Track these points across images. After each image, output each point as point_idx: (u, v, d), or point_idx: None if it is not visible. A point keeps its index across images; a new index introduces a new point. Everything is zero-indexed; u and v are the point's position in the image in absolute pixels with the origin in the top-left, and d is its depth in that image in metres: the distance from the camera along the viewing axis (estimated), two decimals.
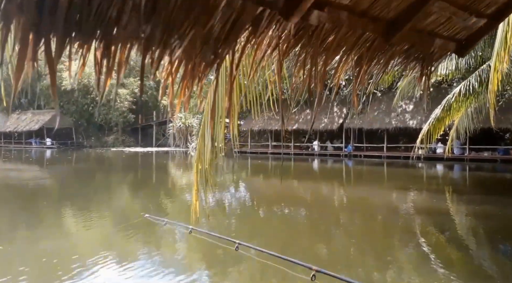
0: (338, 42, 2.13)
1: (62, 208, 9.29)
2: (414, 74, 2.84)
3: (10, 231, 7.02)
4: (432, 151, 22.18)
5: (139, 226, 6.54)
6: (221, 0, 1.44)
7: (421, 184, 14.99)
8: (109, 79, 1.43)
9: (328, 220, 8.33)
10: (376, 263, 5.36)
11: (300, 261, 3.16)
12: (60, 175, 18.06)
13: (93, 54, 1.33)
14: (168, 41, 1.51)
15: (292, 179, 15.79)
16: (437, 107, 10.70)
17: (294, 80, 2.37)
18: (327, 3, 1.72)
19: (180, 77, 1.77)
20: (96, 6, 1.19)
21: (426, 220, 8.35)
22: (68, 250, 5.72)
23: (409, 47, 2.54)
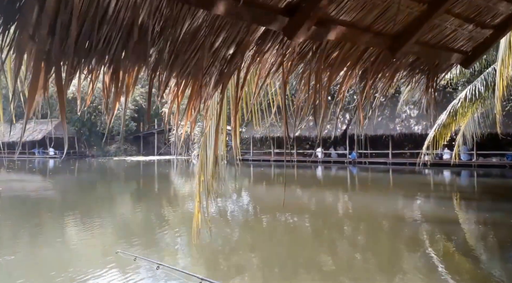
0: (342, 57, 2.15)
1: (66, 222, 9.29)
2: (420, 87, 2.86)
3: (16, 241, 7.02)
4: (438, 157, 22.11)
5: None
6: (226, 23, 1.46)
7: (428, 191, 14.92)
8: (117, 103, 1.46)
9: (333, 230, 8.29)
10: (383, 275, 5.32)
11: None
12: (64, 187, 18.07)
13: (102, 80, 1.36)
14: (174, 64, 1.54)
15: (295, 187, 15.75)
16: (443, 113, 10.71)
17: (299, 96, 2.38)
18: (330, 21, 1.74)
19: (186, 97, 1.79)
20: (105, 33, 1.22)
21: (434, 228, 8.30)
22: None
23: (415, 60, 2.56)
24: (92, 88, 1.40)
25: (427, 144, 11.17)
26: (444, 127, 10.87)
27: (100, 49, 1.26)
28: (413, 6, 1.88)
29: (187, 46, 1.48)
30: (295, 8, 1.51)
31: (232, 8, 1.32)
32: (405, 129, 24.11)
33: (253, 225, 9.07)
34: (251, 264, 5.88)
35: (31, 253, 6.44)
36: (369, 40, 2.00)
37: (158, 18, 1.29)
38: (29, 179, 21.56)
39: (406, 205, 11.69)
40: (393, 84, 2.77)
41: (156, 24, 1.30)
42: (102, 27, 1.19)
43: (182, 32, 1.39)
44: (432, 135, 10.86)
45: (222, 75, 1.81)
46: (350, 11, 1.74)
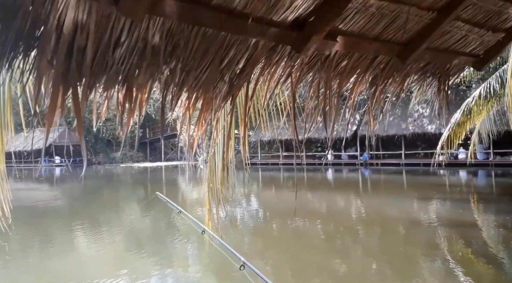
0: (351, 66, 2.20)
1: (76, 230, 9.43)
2: (431, 90, 2.89)
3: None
4: (453, 156, 21.94)
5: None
6: (236, 40, 1.52)
7: (444, 192, 14.81)
8: (131, 118, 1.53)
9: (346, 235, 8.29)
10: (398, 281, 5.32)
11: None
12: (74, 195, 18.30)
13: (116, 97, 1.44)
14: (186, 80, 1.60)
15: (305, 191, 15.75)
16: (457, 112, 10.65)
17: (308, 104, 2.43)
18: (338, 32, 1.79)
19: (197, 109, 1.86)
20: (119, 55, 1.29)
21: (451, 232, 8.25)
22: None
23: (425, 64, 2.59)
24: (107, 105, 1.47)
25: (442, 144, 11.12)
26: (459, 126, 10.81)
27: (114, 69, 1.33)
28: (422, 15, 1.92)
29: (198, 63, 1.54)
30: (303, 22, 1.56)
31: (242, 27, 1.38)
32: (418, 129, 23.98)
33: (263, 231, 9.11)
34: (263, 271, 5.94)
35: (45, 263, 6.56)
36: (378, 49, 2.05)
37: (170, 39, 1.35)
38: (38, 188, 21.95)
39: (421, 207, 11.63)
40: (404, 89, 2.80)
41: (168, 44, 1.36)
42: (117, 49, 1.26)
43: (193, 50, 1.45)
44: (447, 134, 10.81)
45: (232, 88, 1.87)
46: (358, 22, 1.79)
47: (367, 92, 2.56)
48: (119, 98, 1.41)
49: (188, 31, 1.35)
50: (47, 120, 1.18)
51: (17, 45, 1.09)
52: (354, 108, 2.87)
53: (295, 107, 2.33)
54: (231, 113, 2.04)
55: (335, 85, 2.33)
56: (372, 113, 2.65)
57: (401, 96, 2.91)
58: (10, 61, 1.11)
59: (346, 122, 23.07)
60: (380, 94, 2.58)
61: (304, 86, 2.37)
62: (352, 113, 2.98)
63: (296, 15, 1.55)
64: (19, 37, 1.07)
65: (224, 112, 2.65)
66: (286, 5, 1.47)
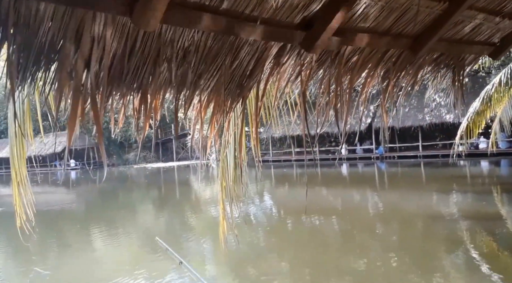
0: (362, 61, 2.24)
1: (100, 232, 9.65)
2: (446, 81, 2.90)
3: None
4: (474, 146, 21.67)
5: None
6: (245, 43, 1.58)
7: (465, 184, 14.67)
8: (147, 123, 1.62)
9: (364, 231, 8.28)
10: (420, 277, 5.33)
11: None
12: (91, 197, 18.67)
13: (132, 103, 1.53)
14: (197, 84, 1.67)
15: (320, 187, 15.76)
16: (476, 100, 10.53)
17: (319, 101, 2.48)
18: (347, 29, 1.83)
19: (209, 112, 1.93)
20: (133, 64, 1.36)
21: (475, 225, 8.17)
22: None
23: (439, 56, 2.61)
24: (124, 112, 1.56)
25: (461, 134, 11.01)
26: (478, 115, 10.69)
27: (129, 77, 1.40)
28: (433, 6, 1.95)
29: (208, 67, 1.61)
30: (311, 22, 1.61)
31: (250, 30, 1.44)
32: (435, 119, 23.71)
33: (279, 229, 9.15)
34: (280, 269, 5.99)
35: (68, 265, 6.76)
36: (390, 43, 2.08)
37: (181, 45, 1.42)
38: (57, 191, 22.43)
39: (441, 201, 11.55)
40: (417, 81, 2.82)
41: (180, 50, 1.43)
42: (131, 58, 1.33)
43: (204, 55, 1.52)
44: (466, 124, 10.70)
45: (243, 89, 1.94)
46: (367, 18, 1.83)
47: (379, 86, 2.59)
48: (134, 105, 1.49)
49: (199, 37, 1.42)
50: (69, 129, 1.27)
51: (39, 60, 1.17)
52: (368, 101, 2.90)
53: (306, 105, 2.38)
54: (242, 114, 2.10)
55: (346, 81, 2.37)
56: (385, 107, 2.69)
57: (415, 88, 2.93)
58: (33, 75, 1.19)
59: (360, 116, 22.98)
60: (392, 88, 2.61)
61: (314, 84, 2.41)
62: (366, 106, 3.01)
63: (304, 15, 1.60)
64: (40, 52, 1.15)
65: (235, 112, 2.71)
66: (294, 6, 1.52)
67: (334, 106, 2.33)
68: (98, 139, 1.36)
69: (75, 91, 1.21)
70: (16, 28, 1.08)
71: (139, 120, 1.55)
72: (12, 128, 2.67)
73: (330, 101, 2.35)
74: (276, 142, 32.30)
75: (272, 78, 2.07)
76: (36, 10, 1.08)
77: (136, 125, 1.54)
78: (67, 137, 1.30)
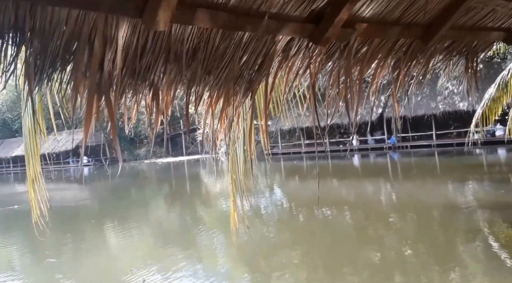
0: (372, 52, 2.26)
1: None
2: (459, 69, 2.90)
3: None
4: (490, 134, 21.44)
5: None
6: (253, 38, 1.62)
7: (481, 173, 14.55)
8: (159, 119, 1.68)
9: (377, 223, 8.26)
10: (438, 269, 5.31)
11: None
12: (107, 193, 18.96)
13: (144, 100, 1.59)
14: (207, 79, 1.72)
15: (331, 179, 15.78)
16: (491, 86, 10.40)
17: (329, 93, 2.50)
18: (356, 20, 1.86)
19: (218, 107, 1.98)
20: (145, 62, 1.42)
21: (493, 215, 8.10)
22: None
23: (451, 43, 2.61)
24: (136, 109, 1.62)
25: (476, 121, 10.90)
26: (494, 101, 10.56)
27: (142, 76, 1.46)
28: None
29: (217, 63, 1.65)
30: (319, 14, 1.64)
31: (259, 25, 1.47)
32: (448, 107, 23.47)
33: (290, 222, 9.21)
34: (294, 261, 6.04)
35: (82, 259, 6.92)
36: (399, 32, 2.10)
37: (191, 43, 1.46)
38: (72, 188, 22.86)
39: (458, 190, 11.48)
40: (429, 70, 2.83)
41: (189, 48, 1.48)
42: (143, 57, 1.38)
43: (213, 51, 1.56)
44: (481, 111, 10.59)
45: (252, 83, 1.98)
46: (376, 8, 1.85)
47: (390, 76, 2.61)
48: (147, 101, 1.55)
49: (207, 34, 1.46)
50: (85, 126, 1.34)
51: (54, 61, 1.24)
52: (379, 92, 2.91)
53: (315, 98, 2.41)
54: (251, 108, 2.14)
55: (356, 72, 2.39)
56: (396, 97, 2.70)
57: (427, 76, 2.94)
58: (49, 76, 1.26)
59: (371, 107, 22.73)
60: (404, 78, 2.62)
61: (324, 76, 2.44)
62: (376, 96, 3.03)
63: (312, 8, 1.63)
64: (56, 54, 1.21)
65: (244, 106, 2.76)
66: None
67: (344, 97, 2.36)
68: (112, 136, 1.42)
69: (90, 90, 1.26)
70: (33, 33, 1.14)
71: (151, 116, 1.61)
72: (26, 126, 2.77)
73: (340, 93, 2.38)
74: (285, 134, 32.28)
75: (281, 72, 2.10)
76: (51, 15, 1.13)
77: (148, 121, 1.60)
78: (83, 134, 1.37)
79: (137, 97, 1.54)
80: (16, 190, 23.30)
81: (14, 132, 46.17)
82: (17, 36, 1.18)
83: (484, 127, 11.66)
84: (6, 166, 46.98)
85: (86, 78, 1.28)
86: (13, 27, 1.14)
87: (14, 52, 1.26)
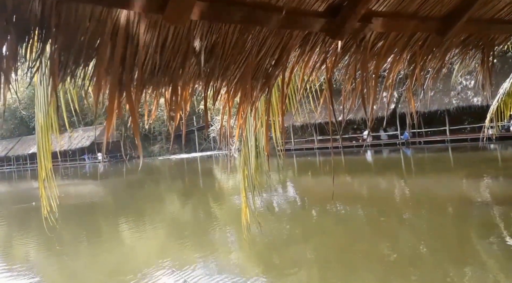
0: (388, 46, 2.22)
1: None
2: (474, 63, 2.84)
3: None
4: (505, 129, 20.97)
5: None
6: (270, 33, 1.61)
7: (497, 168, 14.24)
8: (178, 113, 1.68)
9: (391, 219, 8.16)
10: (453, 266, 5.24)
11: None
12: (126, 189, 19.18)
13: (164, 95, 1.60)
14: (225, 75, 1.72)
15: (344, 175, 15.65)
16: (506, 81, 10.16)
17: (345, 87, 2.47)
18: (373, 14, 1.83)
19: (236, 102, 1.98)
20: (165, 58, 1.42)
21: (509, 211, 7.94)
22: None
23: (467, 37, 2.55)
24: (156, 104, 1.63)
25: (490, 116, 10.67)
26: (509, 96, 10.32)
27: (161, 71, 1.47)
28: None
29: (235, 58, 1.65)
30: (336, 9, 1.62)
31: (276, 20, 1.46)
32: (462, 102, 23.02)
33: (303, 218, 9.15)
34: (306, 258, 6.00)
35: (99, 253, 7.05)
36: (416, 26, 2.06)
37: (209, 38, 1.46)
38: (89, 184, 23.21)
39: (472, 186, 11.27)
40: (444, 64, 2.77)
41: (208, 43, 1.48)
42: (163, 53, 1.39)
43: (231, 47, 1.55)
44: (495, 106, 10.36)
45: (268, 78, 1.97)
46: (393, 2, 1.82)
47: (406, 71, 2.57)
48: (166, 97, 1.55)
49: (225, 29, 1.46)
50: (107, 121, 1.36)
51: (78, 57, 1.25)
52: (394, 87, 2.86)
53: (332, 93, 2.39)
54: (268, 103, 2.14)
55: (372, 66, 2.36)
56: (411, 92, 2.66)
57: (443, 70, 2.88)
58: (73, 71, 1.27)
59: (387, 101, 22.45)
60: (420, 72, 2.58)
61: (340, 70, 2.41)
62: (391, 93, 2.99)
63: (329, 2, 1.61)
64: (80, 50, 1.23)
65: (261, 101, 2.74)
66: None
67: (360, 92, 2.33)
68: (134, 131, 1.43)
69: (112, 86, 1.27)
70: (58, 29, 1.15)
71: (170, 111, 1.62)
72: (38, 123, 2.81)
73: (356, 88, 2.35)
74: (298, 130, 32.17)
75: (298, 66, 2.09)
76: (76, 11, 1.14)
77: (168, 117, 1.61)
78: (105, 129, 1.38)
79: (157, 93, 1.55)
80: (33, 186, 23.75)
81: (32, 129, 47.45)
82: (43, 33, 1.20)
83: (499, 123, 11.42)
84: (24, 163, 48.15)
85: (108, 74, 1.29)
86: (39, 23, 1.15)
87: (39, 49, 1.27)
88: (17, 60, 1.19)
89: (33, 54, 1.27)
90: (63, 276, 6.31)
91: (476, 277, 4.85)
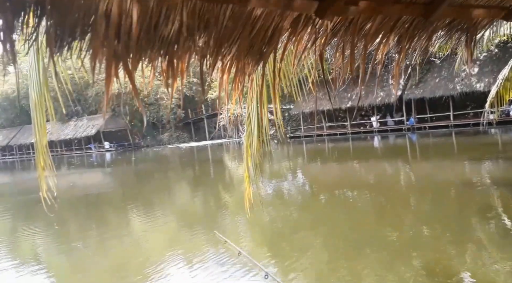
0: (376, 28, 2.30)
1: None
2: (459, 46, 2.89)
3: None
4: (505, 113, 20.59)
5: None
6: (262, 13, 1.73)
7: (497, 152, 14.06)
8: (175, 84, 1.78)
9: (397, 203, 7.94)
10: (456, 248, 5.10)
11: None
12: (136, 177, 18.86)
13: (160, 66, 1.70)
14: (220, 50, 1.84)
15: (352, 160, 15.65)
16: (505, 68, 10.01)
17: (335, 67, 2.57)
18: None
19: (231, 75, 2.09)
20: (159, 33, 1.55)
21: (509, 191, 7.86)
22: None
23: (452, 21, 2.61)
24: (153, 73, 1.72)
25: (491, 101, 10.54)
26: (508, 81, 10.17)
27: (156, 46, 1.59)
28: None
29: (228, 36, 1.76)
30: None
31: (267, 0, 1.58)
32: (466, 88, 22.59)
33: (311, 203, 8.99)
34: (314, 242, 5.85)
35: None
36: (402, 9, 2.12)
37: (202, 17, 1.59)
38: (99, 172, 23.28)
39: (474, 169, 11.15)
40: (431, 44, 2.84)
41: (201, 22, 1.61)
42: (157, 29, 1.52)
43: (223, 26, 1.68)
44: (495, 91, 10.23)
45: (262, 55, 2.08)
46: None
47: (394, 51, 2.65)
48: (163, 68, 1.68)
49: (218, 9, 1.58)
50: (106, 85, 1.44)
51: (74, 31, 1.36)
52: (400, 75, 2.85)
53: (324, 71, 2.49)
54: (262, 78, 2.26)
55: (361, 47, 2.45)
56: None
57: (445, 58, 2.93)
58: (69, 44, 1.40)
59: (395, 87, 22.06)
60: (405, 53, 2.66)
61: (330, 50, 2.52)
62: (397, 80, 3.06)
63: None
64: (75, 25, 1.34)
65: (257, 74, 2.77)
66: None
67: (350, 70, 2.43)
68: (134, 95, 1.50)
69: (108, 57, 1.39)
70: (53, 5, 1.25)
71: (168, 80, 1.67)
72: (33, 102, 2.75)
73: (345, 67, 2.44)
74: (307, 117, 32.05)
75: (290, 44, 2.20)
76: None
77: (165, 85, 1.69)
78: (105, 95, 1.46)
79: (153, 64, 1.61)
80: (36, 176, 23.71)
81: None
82: (38, 9, 1.28)
83: (499, 107, 11.25)
84: (26, 152, 45.59)
85: (104, 46, 1.38)
86: (34, 1, 1.25)
87: (36, 23, 1.34)
88: (13, 32, 1.26)
89: (29, 28, 1.34)
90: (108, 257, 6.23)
91: (475, 255, 4.76)
